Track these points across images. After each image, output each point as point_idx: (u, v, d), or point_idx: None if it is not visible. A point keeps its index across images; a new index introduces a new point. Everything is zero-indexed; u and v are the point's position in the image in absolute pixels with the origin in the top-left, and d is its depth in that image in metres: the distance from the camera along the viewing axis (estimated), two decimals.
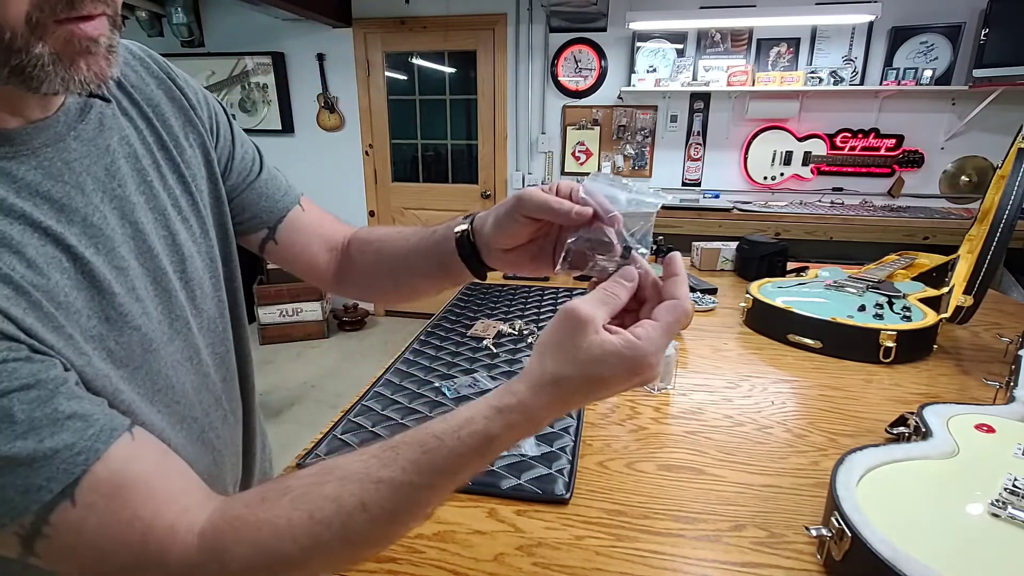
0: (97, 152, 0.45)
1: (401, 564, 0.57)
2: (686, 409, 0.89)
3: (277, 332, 3.73)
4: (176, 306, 0.50)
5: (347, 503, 0.37)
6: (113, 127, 0.47)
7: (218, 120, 0.59)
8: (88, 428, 0.36)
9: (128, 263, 0.45)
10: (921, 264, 1.50)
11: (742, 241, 1.72)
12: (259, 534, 0.36)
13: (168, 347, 0.49)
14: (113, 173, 0.46)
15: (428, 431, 0.38)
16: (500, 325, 1.20)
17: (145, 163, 0.49)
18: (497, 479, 0.69)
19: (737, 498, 0.67)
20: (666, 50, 3.35)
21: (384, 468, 0.37)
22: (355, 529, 0.37)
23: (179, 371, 0.50)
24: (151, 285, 0.48)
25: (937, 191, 3.26)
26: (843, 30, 3.16)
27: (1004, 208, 1.04)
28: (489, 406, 0.38)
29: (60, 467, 0.34)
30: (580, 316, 0.38)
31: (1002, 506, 0.54)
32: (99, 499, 0.35)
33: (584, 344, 0.37)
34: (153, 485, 0.38)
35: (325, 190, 4.06)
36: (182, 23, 3.71)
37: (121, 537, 0.36)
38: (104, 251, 0.43)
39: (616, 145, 3.58)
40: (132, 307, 0.45)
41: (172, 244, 0.50)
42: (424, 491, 0.38)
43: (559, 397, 0.38)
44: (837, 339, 1.10)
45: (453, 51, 3.72)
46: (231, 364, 0.62)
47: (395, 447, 0.38)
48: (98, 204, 0.44)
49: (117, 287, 0.43)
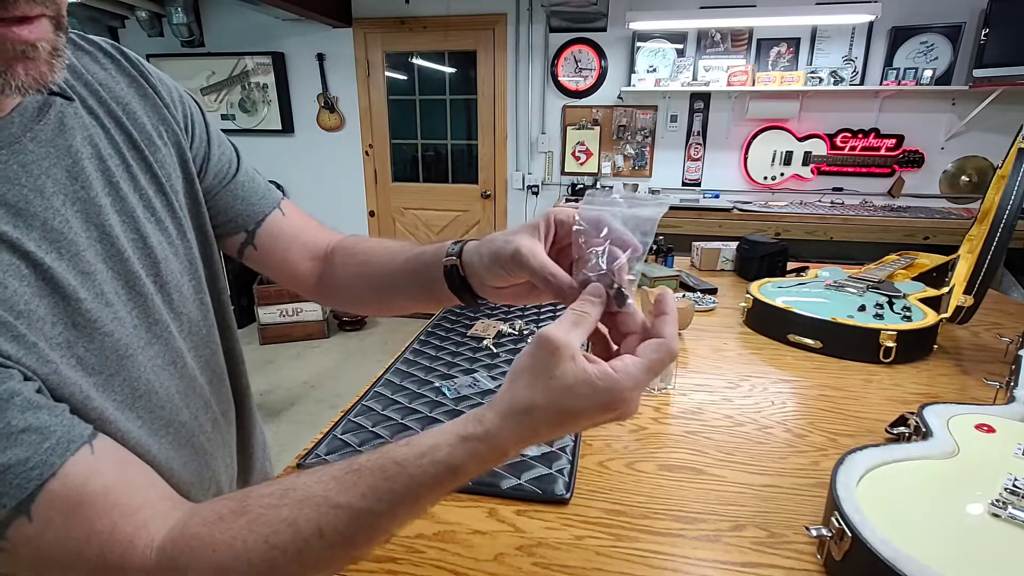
0: (57, 153, 0.43)
1: (401, 564, 0.57)
2: (686, 409, 0.89)
3: (277, 332, 3.73)
4: (153, 310, 0.49)
5: (304, 529, 0.36)
6: (75, 126, 0.45)
7: (193, 119, 0.57)
8: (44, 441, 0.35)
9: (95, 267, 0.44)
10: (921, 264, 1.50)
11: (742, 241, 1.72)
12: (215, 555, 0.36)
13: (146, 352, 0.48)
14: (76, 175, 0.44)
15: (390, 456, 0.37)
16: (500, 325, 1.20)
17: (112, 164, 0.47)
18: (497, 479, 0.69)
19: (737, 498, 0.67)
20: (666, 50, 3.35)
21: (343, 493, 0.36)
22: (311, 554, 0.36)
23: (161, 376, 0.50)
24: (123, 290, 0.46)
25: (937, 191, 3.26)
26: (843, 30, 3.16)
27: (1004, 208, 1.03)
28: (455, 434, 0.37)
29: (13, 483, 0.34)
30: (553, 342, 0.36)
31: (1002, 506, 0.54)
32: (56, 515, 0.35)
33: (557, 371, 0.36)
34: (112, 499, 0.37)
35: (325, 190, 4.07)
36: (182, 23, 3.71)
37: (79, 552, 0.36)
38: (67, 256, 0.42)
39: (616, 145, 3.57)
40: (101, 312, 0.43)
41: (143, 247, 0.49)
42: (383, 518, 0.37)
43: (528, 427, 0.36)
44: (837, 339, 1.10)
45: (453, 51, 3.72)
46: (219, 366, 0.60)
47: (357, 471, 0.37)
48: (59, 207, 0.42)
49: (83, 292, 0.42)
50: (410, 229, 4.10)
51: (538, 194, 3.76)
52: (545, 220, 0.45)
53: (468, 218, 3.98)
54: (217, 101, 3.99)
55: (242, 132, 4.01)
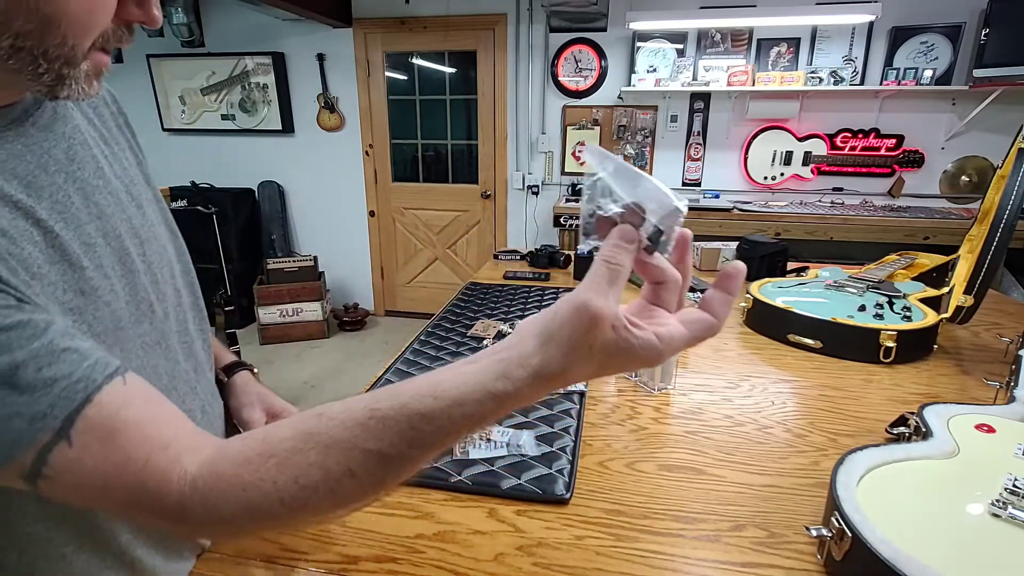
0: (54, 137, 0.47)
1: (401, 564, 0.57)
2: (686, 409, 0.89)
3: (277, 332, 3.73)
4: (140, 288, 0.51)
5: (334, 471, 0.37)
6: (66, 117, 0.50)
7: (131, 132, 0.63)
8: (84, 360, 0.37)
9: (95, 240, 0.47)
10: (921, 264, 1.50)
11: (742, 241, 1.72)
12: (245, 494, 0.37)
13: (136, 328, 0.50)
14: (72, 157, 0.48)
15: (417, 410, 0.37)
16: (500, 325, 1.20)
17: (97, 151, 0.51)
18: (497, 479, 0.69)
19: (737, 498, 0.67)
20: (666, 50, 3.35)
21: (371, 440, 0.37)
22: (343, 493, 0.38)
23: (150, 353, 0.52)
24: (117, 265, 0.49)
25: (937, 191, 3.26)
26: (843, 30, 3.16)
27: (1004, 208, 1.03)
28: (484, 390, 0.36)
29: (61, 395, 0.36)
30: (593, 311, 0.34)
31: (1002, 506, 0.54)
32: (93, 441, 0.37)
33: (599, 342, 0.35)
34: (145, 430, 0.39)
35: (325, 190, 4.06)
36: (182, 23, 3.71)
37: (118, 478, 0.37)
38: (72, 226, 0.45)
39: (616, 145, 3.57)
40: (101, 283, 0.46)
41: (130, 227, 0.52)
42: (413, 461, 0.38)
43: (559, 384, 0.37)
44: (837, 339, 1.10)
45: (453, 51, 3.72)
46: (199, 356, 0.62)
47: (383, 419, 0.37)
48: (61, 184, 0.45)
49: (86, 261, 0.45)
50: (410, 229, 4.10)
51: (538, 194, 3.76)
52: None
53: (468, 218, 3.98)
54: (217, 101, 3.99)
55: (242, 132, 4.01)
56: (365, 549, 0.59)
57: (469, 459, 0.73)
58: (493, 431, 0.79)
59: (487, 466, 0.71)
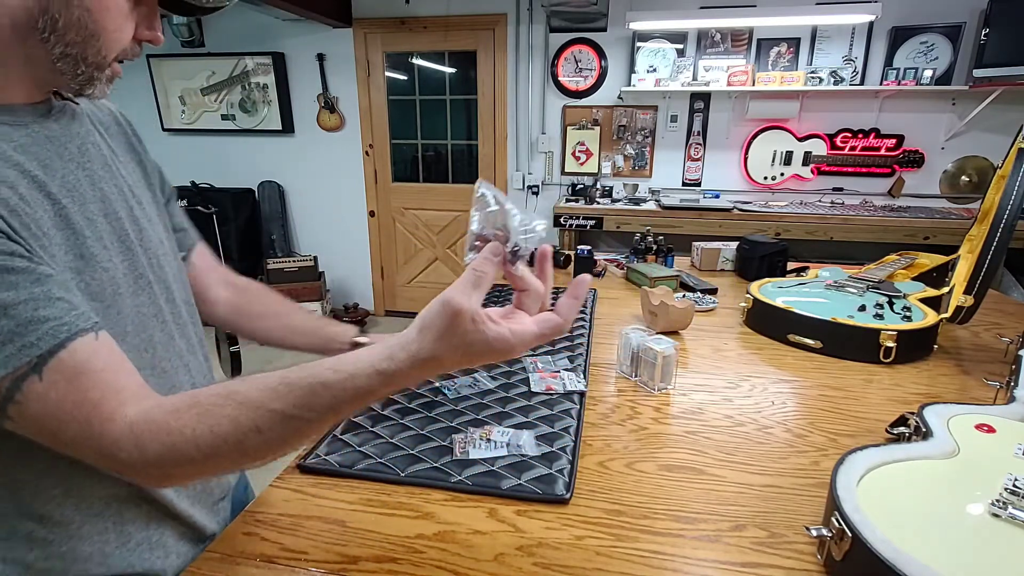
0: (70, 134, 0.56)
1: (401, 564, 0.57)
2: (686, 409, 0.89)
3: None
4: (138, 264, 0.59)
5: (243, 424, 0.45)
6: (82, 120, 0.59)
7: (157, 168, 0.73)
8: (72, 310, 0.46)
9: (97, 217, 0.55)
10: (921, 264, 1.50)
11: (742, 241, 1.72)
12: (169, 438, 0.45)
13: (135, 299, 0.58)
14: (83, 151, 0.57)
15: (319, 379, 0.45)
16: None
17: (105, 151, 0.61)
18: (497, 479, 0.69)
19: (737, 498, 0.67)
20: (666, 50, 3.35)
21: (277, 401, 0.45)
22: (249, 444, 0.45)
23: (146, 323, 0.60)
24: (116, 241, 0.57)
25: (937, 191, 3.26)
26: (843, 30, 3.16)
27: (1004, 208, 1.03)
28: (372, 367, 0.44)
29: (48, 331, 0.44)
30: (454, 306, 0.42)
31: (1002, 506, 0.54)
32: (60, 379, 0.44)
33: (459, 332, 0.43)
34: (104, 378, 0.46)
35: (325, 190, 4.06)
36: (182, 23, 3.72)
37: (73, 414, 0.45)
38: (78, 203, 0.53)
39: (616, 145, 3.57)
40: (100, 252, 0.54)
41: (131, 215, 0.60)
42: (311, 423, 0.46)
43: (432, 369, 0.45)
44: (837, 339, 1.10)
45: (453, 51, 3.72)
46: (191, 339, 0.69)
47: (290, 385, 0.45)
48: (72, 170, 0.54)
49: (87, 232, 0.53)
50: (410, 229, 4.10)
51: (538, 194, 3.76)
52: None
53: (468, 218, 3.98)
54: (217, 101, 3.99)
55: (242, 132, 4.01)
56: (365, 549, 0.59)
57: (469, 459, 0.73)
58: (493, 431, 0.79)
59: (487, 466, 0.71)
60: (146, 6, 0.53)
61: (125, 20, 0.51)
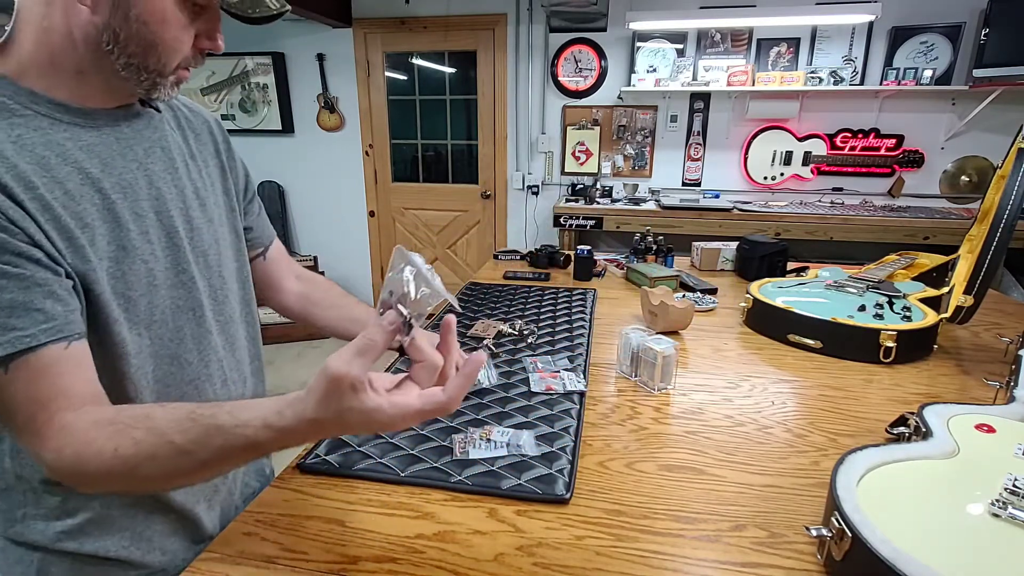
0: (140, 138, 0.63)
1: (401, 564, 0.57)
2: (686, 409, 0.89)
3: (278, 332, 3.73)
4: (182, 260, 0.64)
5: (143, 450, 0.48)
6: (157, 127, 0.65)
7: (244, 174, 0.81)
8: (45, 322, 0.49)
9: (147, 213, 0.61)
10: (921, 264, 1.50)
11: (742, 241, 1.72)
12: (82, 448, 0.49)
13: (172, 292, 0.63)
14: (149, 153, 0.63)
15: (216, 421, 0.47)
16: (500, 325, 1.20)
17: (175, 157, 0.66)
18: (497, 479, 0.69)
19: (737, 498, 0.67)
20: (666, 50, 3.35)
21: (179, 434, 0.48)
22: (142, 472, 0.48)
23: (179, 316, 0.64)
24: (164, 236, 0.62)
25: (937, 191, 3.26)
26: (843, 30, 3.15)
27: (1004, 208, 1.03)
28: (262, 420, 0.46)
29: (12, 339, 0.48)
30: (333, 373, 0.42)
31: (1002, 506, 0.54)
32: (22, 376, 0.49)
33: (336, 398, 0.43)
34: (59, 383, 0.50)
35: (325, 190, 4.06)
36: None
37: (23, 406, 0.49)
38: (129, 199, 0.59)
39: (616, 145, 3.57)
40: (142, 246, 0.60)
41: (185, 215, 0.66)
42: (202, 464, 0.48)
43: (317, 432, 0.46)
44: (837, 339, 1.10)
45: (453, 51, 3.72)
46: (235, 337, 0.73)
47: (193, 421, 0.48)
48: (133, 169, 0.61)
49: (132, 226, 0.59)
50: (410, 229, 4.10)
51: (538, 194, 3.76)
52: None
53: (468, 218, 3.98)
54: (217, 101, 3.99)
55: (242, 132, 4.01)
56: (365, 549, 0.59)
57: (469, 459, 0.73)
58: (493, 431, 0.79)
59: (487, 466, 0.71)
60: (207, 18, 0.58)
61: (182, 31, 0.56)
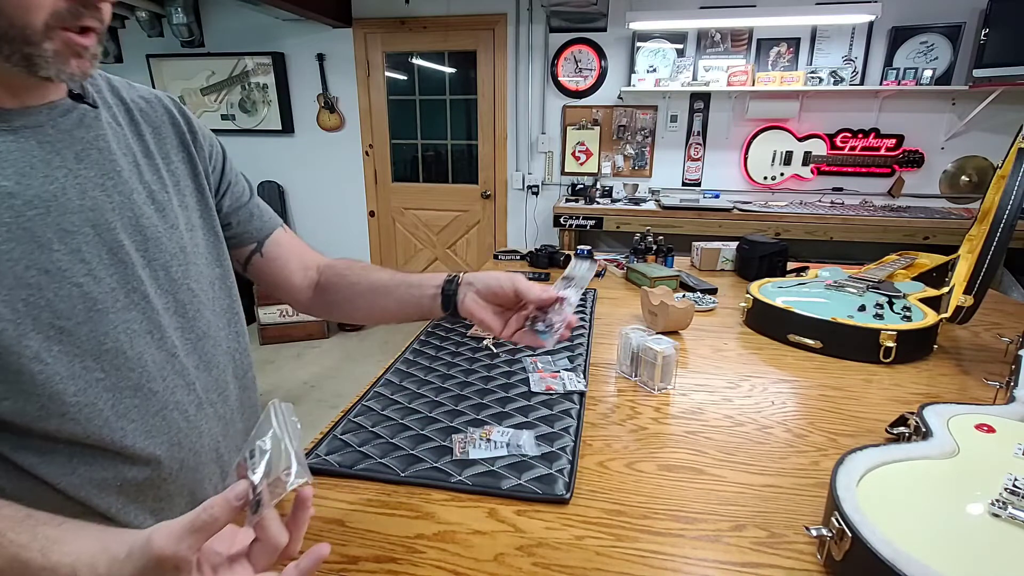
0: (71, 140, 0.53)
1: (401, 564, 0.57)
2: (686, 409, 0.89)
3: (277, 332, 3.73)
4: (133, 278, 0.55)
5: None
6: (92, 126, 0.55)
7: (219, 156, 0.71)
8: None
9: (80, 229, 0.52)
10: (921, 264, 1.50)
11: (742, 241, 1.72)
12: None
13: (121, 314, 0.54)
14: (82, 158, 0.54)
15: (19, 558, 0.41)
16: None
17: (120, 159, 0.57)
18: (497, 479, 0.69)
19: (737, 498, 0.67)
20: (666, 50, 3.35)
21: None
22: None
23: (135, 341, 0.55)
24: (106, 254, 0.54)
25: (937, 191, 3.26)
26: (843, 30, 3.15)
27: (1004, 208, 1.03)
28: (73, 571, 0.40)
29: None
30: (156, 552, 0.38)
31: (1002, 506, 0.54)
32: None
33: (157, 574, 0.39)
34: None
35: (325, 190, 4.06)
36: (182, 23, 3.71)
37: None
38: (54, 214, 0.50)
39: (616, 145, 3.57)
40: (74, 266, 0.51)
41: (135, 224, 0.57)
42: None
43: None
44: (837, 339, 1.10)
45: (453, 51, 3.72)
46: (208, 355, 0.64)
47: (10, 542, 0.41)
48: (59, 178, 0.51)
49: (58, 245, 0.50)
50: (410, 229, 4.10)
51: (538, 194, 3.76)
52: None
53: (468, 218, 3.98)
54: (217, 101, 3.99)
55: (242, 132, 4.01)
56: (365, 549, 0.59)
57: (469, 459, 0.73)
58: (493, 431, 0.79)
59: (487, 466, 0.71)
60: None
61: None
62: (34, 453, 0.50)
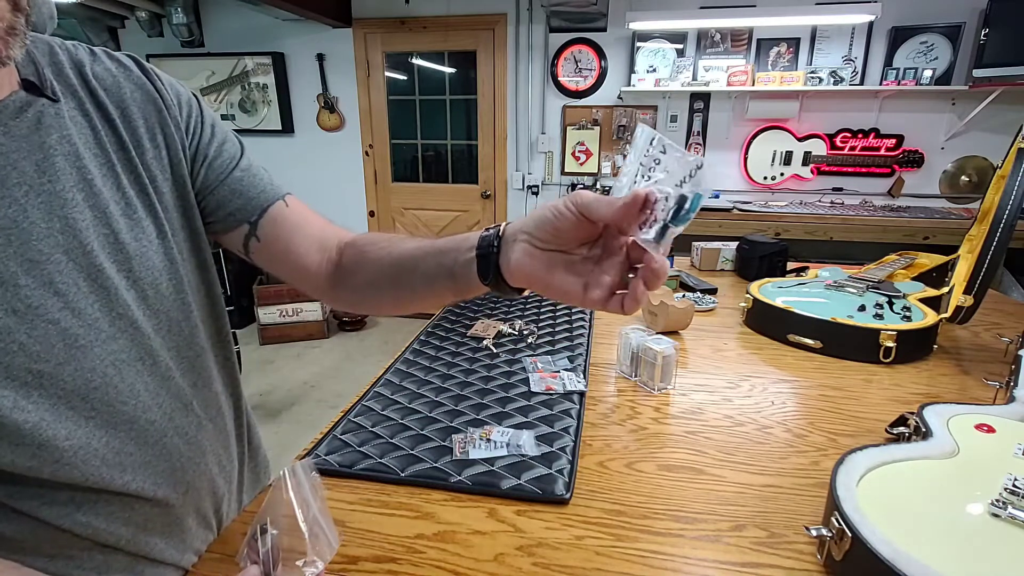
0: (29, 148, 0.44)
1: (401, 564, 0.57)
2: (686, 409, 0.89)
3: (277, 332, 3.73)
4: (117, 304, 0.49)
5: None
6: (54, 126, 0.46)
7: (196, 119, 0.59)
8: None
9: (49, 257, 0.45)
10: (921, 264, 1.50)
11: (742, 241, 1.72)
12: None
13: (107, 345, 0.48)
14: (44, 169, 0.45)
15: None
16: (500, 325, 1.20)
17: (90, 163, 0.48)
18: (497, 479, 0.69)
19: (737, 498, 0.67)
20: (666, 50, 3.35)
21: None
22: None
23: (124, 371, 0.50)
24: (83, 282, 0.47)
25: (937, 191, 3.26)
26: (843, 30, 3.16)
27: (1004, 208, 1.03)
28: None
29: None
30: None
31: (1002, 506, 0.54)
32: None
33: None
34: None
35: (325, 190, 4.06)
36: (182, 23, 3.71)
37: None
38: (15, 243, 0.43)
39: (616, 145, 3.57)
40: (46, 301, 0.44)
41: (115, 242, 0.49)
42: None
43: None
44: (837, 339, 1.10)
45: (453, 51, 3.72)
46: (205, 370, 0.60)
47: None
48: (18, 197, 0.43)
49: (24, 279, 0.43)
50: (410, 229, 4.10)
51: (538, 194, 3.76)
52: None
53: (468, 218, 3.98)
54: (217, 101, 3.99)
55: (242, 132, 4.01)
56: (365, 549, 0.59)
57: (469, 459, 0.73)
58: (493, 431, 0.79)
59: (487, 466, 0.71)
60: None
61: None
62: (33, 498, 0.46)
